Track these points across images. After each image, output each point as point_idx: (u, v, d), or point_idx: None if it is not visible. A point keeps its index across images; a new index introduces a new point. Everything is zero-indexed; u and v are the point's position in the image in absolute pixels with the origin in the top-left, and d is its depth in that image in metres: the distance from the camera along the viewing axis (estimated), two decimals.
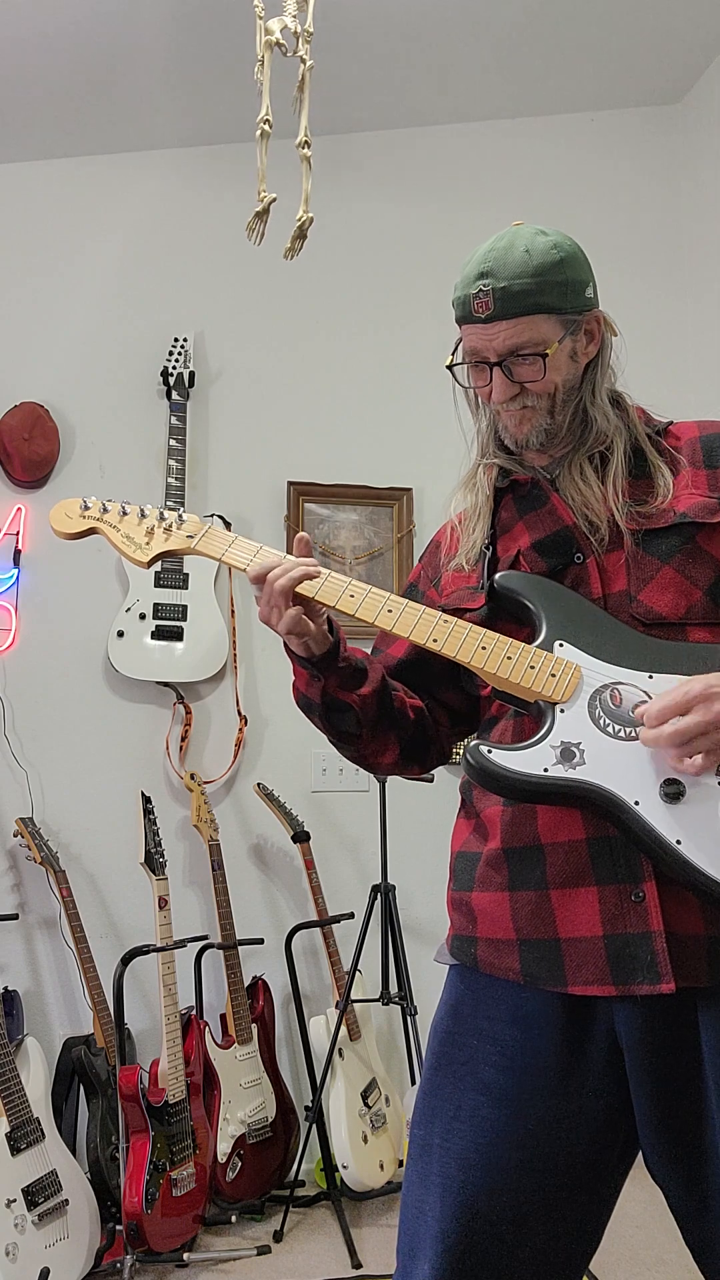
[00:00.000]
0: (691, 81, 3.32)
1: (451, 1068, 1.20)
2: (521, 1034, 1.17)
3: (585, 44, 3.04)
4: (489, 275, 1.23)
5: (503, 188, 3.25)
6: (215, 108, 3.01)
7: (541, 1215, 1.14)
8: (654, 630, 1.19)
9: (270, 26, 1.62)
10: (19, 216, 3.02)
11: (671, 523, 1.21)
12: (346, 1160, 2.51)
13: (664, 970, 1.09)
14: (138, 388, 3.02)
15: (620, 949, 1.12)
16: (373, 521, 3.16)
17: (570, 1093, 1.15)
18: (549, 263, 1.22)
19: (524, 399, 1.26)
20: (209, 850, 2.73)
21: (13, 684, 2.83)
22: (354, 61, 2.90)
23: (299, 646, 1.24)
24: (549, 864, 1.17)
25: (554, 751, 1.12)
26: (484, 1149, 1.15)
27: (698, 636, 1.19)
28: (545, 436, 1.28)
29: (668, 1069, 1.12)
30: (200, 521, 1.30)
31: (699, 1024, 1.12)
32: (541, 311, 1.22)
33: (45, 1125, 2.22)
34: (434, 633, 1.21)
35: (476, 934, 1.23)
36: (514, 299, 1.22)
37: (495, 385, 1.27)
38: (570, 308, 1.24)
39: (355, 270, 3.22)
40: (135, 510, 1.30)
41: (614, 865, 1.14)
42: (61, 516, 1.30)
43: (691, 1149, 1.12)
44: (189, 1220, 2.37)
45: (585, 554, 1.24)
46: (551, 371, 1.24)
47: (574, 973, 1.14)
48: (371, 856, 2.87)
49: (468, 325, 1.28)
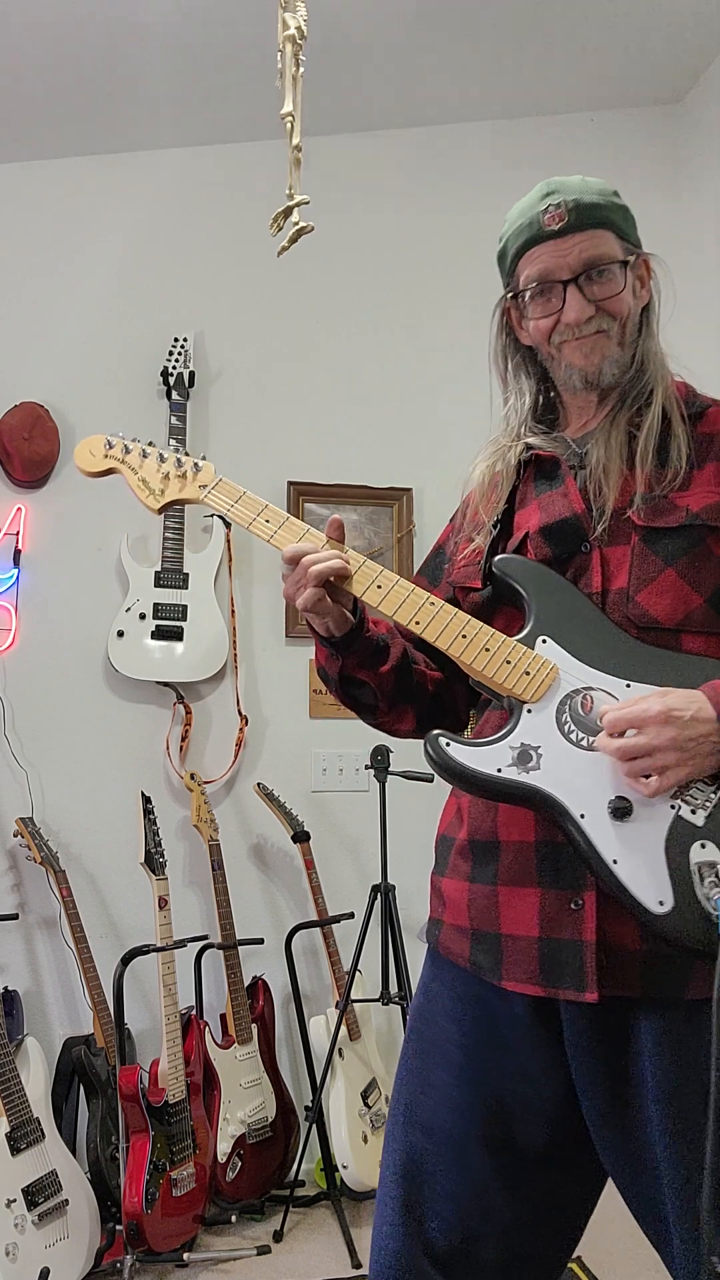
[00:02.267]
0: (691, 81, 3.32)
1: (422, 1044, 1.24)
2: (481, 1017, 1.20)
3: (585, 44, 3.04)
4: (557, 192, 1.22)
5: (503, 188, 3.22)
6: (216, 107, 3.01)
7: (504, 1195, 1.17)
8: (647, 635, 1.15)
9: (287, 20, 1.61)
10: (19, 216, 3.02)
11: (682, 523, 1.16)
12: (346, 1160, 2.51)
13: (589, 980, 1.10)
14: (138, 388, 3.02)
15: (553, 953, 1.13)
16: (373, 521, 3.16)
17: (526, 1078, 1.17)
18: (609, 189, 1.23)
19: (599, 321, 1.22)
20: (209, 850, 2.73)
21: (13, 684, 2.83)
22: (354, 61, 2.90)
23: (319, 625, 1.26)
24: (501, 861, 1.19)
25: (511, 752, 1.11)
26: (445, 1123, 1.18)
27: (692, 645, 1.15)
28: (618, 369, 1.24)
29: (608, 1072, 1.13)
30: (215, 472, 1.30)
31: (640, 1032, 1.11)
32: (611, 229, 1.21)
33: (45, 1125, 2.22)
34: (418, 615, 1.20)
35: (443, 919, 1.27)
36: (587, 210, 1.20)
37: (570, 304, 1.21)
38: (631, 237, 1.23)
39: (355, 270, 3.22)
40: (155, 454, 1.31)
41: (558, 871, 1.14)
42: (86, 454, 1.32)
43: (634, 1155, 1.13)
44: (189, 1220, 2.37)
45: (592, 545, 1.20)
46: (626, 291, 1.22)
47: (509, 968, 1.16)
48: (371, 856, 2.87)
49: (537, 246, 1.23)
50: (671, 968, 1.09)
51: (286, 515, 1.26)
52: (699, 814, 1.06)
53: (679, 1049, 1.09)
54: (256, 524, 1.26)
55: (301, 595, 1.21)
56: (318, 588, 1.20)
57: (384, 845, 2.67)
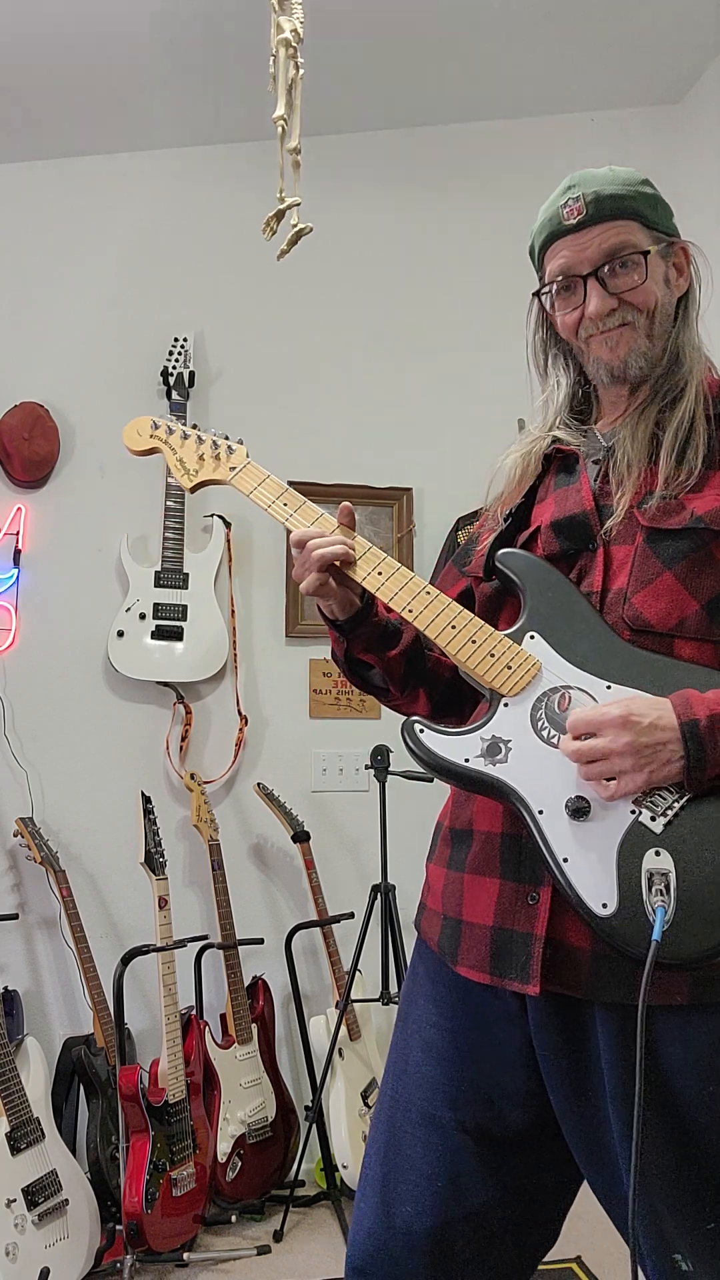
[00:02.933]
0: (691, 81, 3.32)
1: (406, 1025, 1.26)
2: (459, 1000, 1.22)
3: (585, 44, 3.04)
4: (577, 185, 1.20)
5: (503, 188, 3.25)
6: (216, 107, 3.01)
7: (477, 1177, 1.18)
8: (640, 638, 1.14)
9: (281, 24, 1.61)
10: (19, 216, 3.02)
11: (685, 525, 1.14)
12: (346, 1160, 2.51)
13: (534, 973, 1.11)
14: (138, 388, 3.02)
15: (503, 943, 1.14)
16: (373, 521, 3.16)
17: (503, 1064, 1.19)
18: (637, 178, 1.21)
19: (622, 313, 1.20)
20: (209, 850, 2.73)
21: (13, 684, 2.83)
22: (354, 61, 2.90)
23: (324, 607, 1.30)
24: (471, 849, 1.21)
25: (482, 743, 1.13)
26: (421, 1103, 1.20)
27: (684, 651, 1.13)
28: (645, 362, 1.22)
29: (569, 1067, 1.14)
30: (245, 455, 1.36)
31: (596, 1031, 1.12)
32: (635, 218, 1.19)
33: (45, 1125, 2.22)
34: (413, 603, 1.23)
35: (425, 902, 1.30)
36: (605, 202, 1.19)
37: (591, 298, 1.20)
38: (662, 226, 1.21)
39: (355, 270, 3.22)
40: (194, 436, 1.38)
41: (519, 864, 1.15)
42: (133, 434, 1.40)
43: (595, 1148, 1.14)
44: (189, 1220, 2.37)
45: (599, 542, 1.19)
46: (651, 282, 1.19)
47: (464, 954, 1.18)
48: (371, 856, 2.87)
49: (558, 241, 1.22)
50: (619, 972, 1.09)
51: (303, 500, 1.31)
52: (658, 821, 1.06)
53: (631, 1052, 1.08)
54: (275, 506, 1.31)
55: (306, 578, 1.25)
56: (321, 572, 1.24)
57: (384, 845, 2.67)
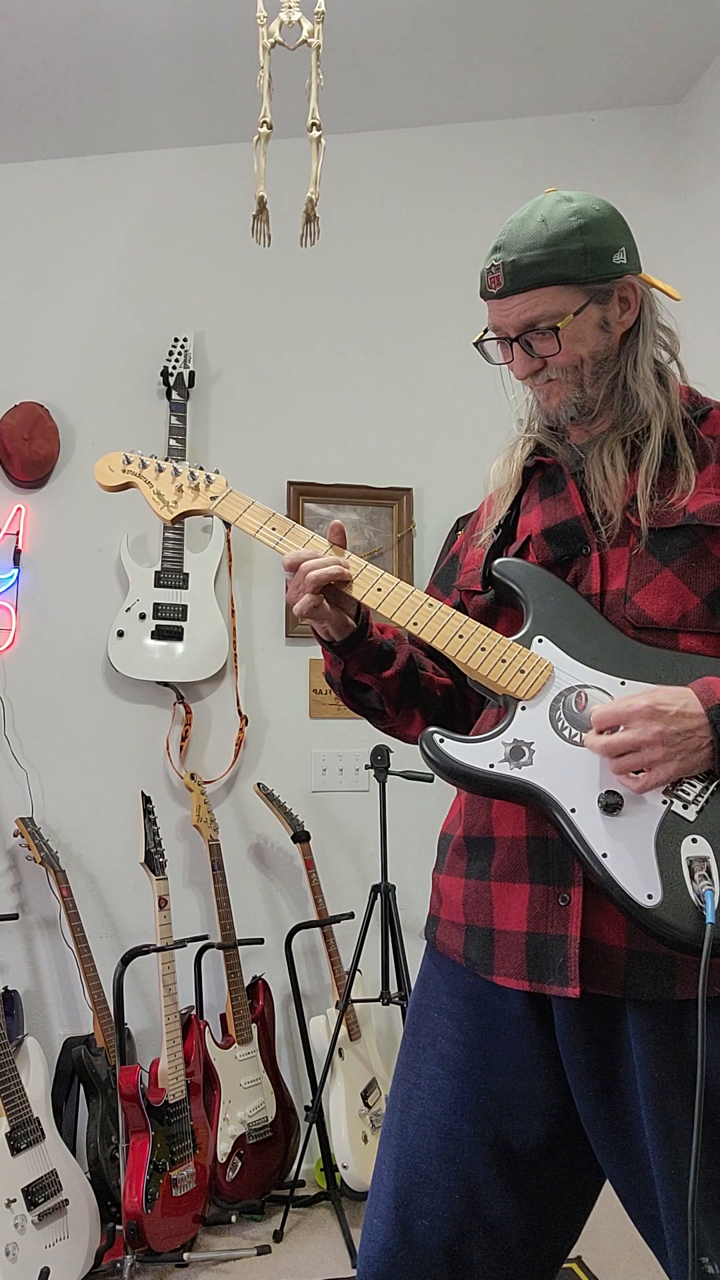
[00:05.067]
0: (691, 81, 3.32)
1: (417, 1038, 1.25)
2: (476, 1012, 1.21)
3: (585, 44, 3.04)
4: (501, 249, 1.21)
5: (503, 188, 3.25)
6: (216, 107, 3.01)
7: (494, 1189, 1.17)
8: (644, 635, 1.16)
9: (271, 30, 1.62)
10: (19, 216, 3.02)
11: (679, 523, 1.17)
12: (346, 1160, 2.51)
13: (572, 975, 1.10)
14: (138, 388, 3.02)
15: (539, 947, 1.14)
16: (373, 521, 3.16)
17: (523, 1072, 1.18)
18: (565, 231, 1.18)
19: (547, 372, 1.23)
20: (209, 850, 2.73)
21: (13, 684, 2.83)
22: (355, 62, 2.90)
23: (319, 630, 1.30)
24: (495, 856, 1.20)
25: (504, 748, 1.12)
26: (438, 1117, 1.19)
27: (689, 644, 1.16)
28: (577, 410, 1.24)
29: (599, 1069, 1.13)
30: (225, 484, 1.36)
31: (628, 1031, 1.12)
32: (555, 283, 1.19)
33: (45, 1125, 2.22)
34: (416, 616, 1.23)
35: (440, 914, 1.28)
36: (523, 272, 1.19)
37: (515, 361, 1.25)
38: (592, 276, 1.19)
39: (355, 270, 3.22)
40: (170, 468, 1.37)
41: (547, 866, 1.15)
42: (105, 470, 1.38)
43: (626, 1151, 1.13)
44: (189, 1220, 2.37)
45: (591, 547, 1.22)
46: (573, 343, 1.21)
47: (500, 963, 1.17)
48: (371, 856, 2.87)
49: (487, 301, 1.24)
50: (656, 968, 1.09)
51: (292, 524, 1.30)
52: (690, 809, 1.06)
53: (666, 1048, 1.09)
54: (263, 531, 1.30)
55: (299, 601, 1.24)
56: (315, 594, 1.23)
57: (384, 845, 2.67)
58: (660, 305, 1.28)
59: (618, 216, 1.24)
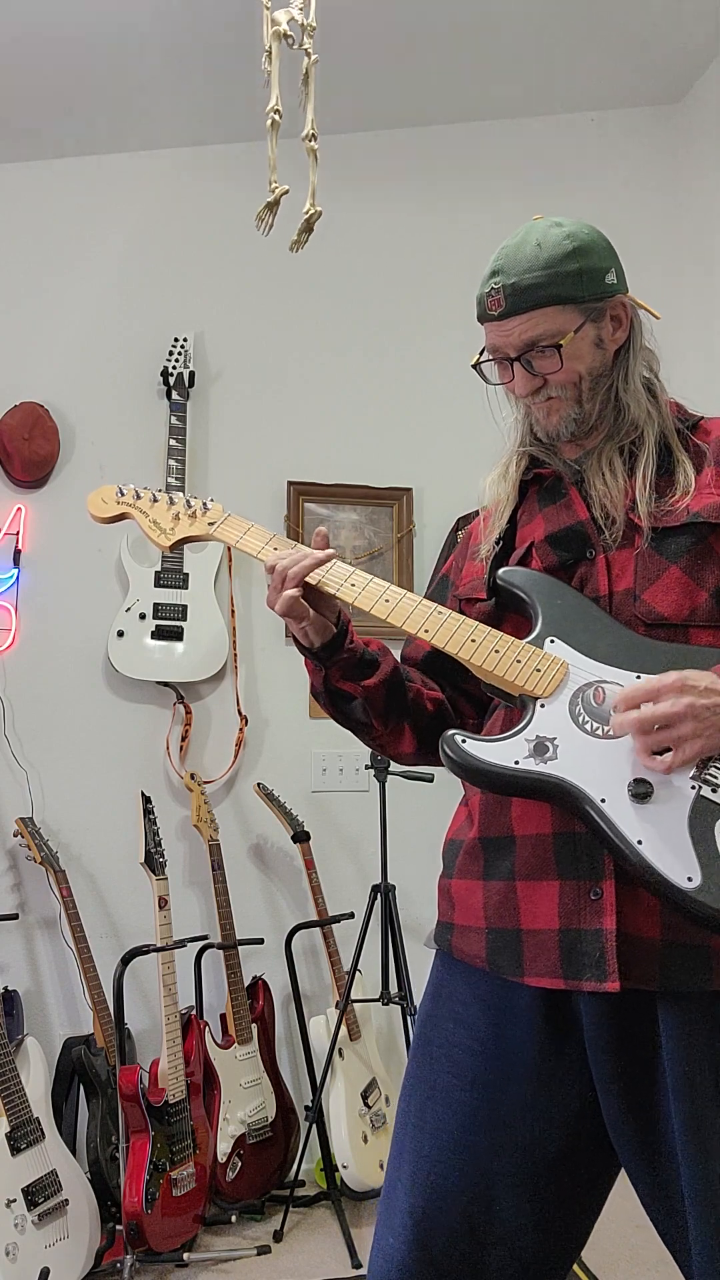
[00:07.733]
0: (691, 81, 3.32)
1: (430, 1049, 1.23)
2: (494, 1020, 1.20)
3: (585, 44, 3.04)
4: (500, 273, 1.24)
5: (503, 188, 3.25)
6: (216, 107, 3.01)
7: (512, 1199, 1.16)
8: (656, 631, 1.18)
9: (277, 18, 1.62)
10: (19, 216, 3.02)
11: (683, 522, 1.20)
12: (346, 1160, 2.52)
13: (610, 969, 1.10)
14: (138, 388, 3.02)
15: (573, 944, 1.13)
16: (373, 521, 3.16)
17: (542, 1080, 1.17)
18: (560, 254, 1.22)
19: (548, 390, 1.27)
20: (209, 850, 2.73)
21: (13, 684, 2.83)
22: (355, 61, 2.90)
23: (299, 633, 1.30)
24: (518, 855, 1.19)
25: (528, 745, 1.13)
26: (455, 1129, 1.18)
27: (700, 639, 1.18)
28: (576, 426, 1.28)
29: (627, 1066, 1.13)
30: (223, 510, 1.38)
31: (659, 1025, 1.12)
32: (555, 304, 1.22)
33: (45, 1125, 2.22)
34: (426, 624, 1.24)
35: (454, 920, 1.27)
36: (524, 293, 1.22)
37: (517, 380, 1.28)
38: (588, 296, 1.23)
39: (355, 270, 3.22)
40: (165, 498, 1.39)
41: (576, 861, 1.15)
42: (98, 501, 1.41)
43: (653, 1148, 1.12)
44: (189, 1220, 2.37)
45: (596, 550, 1.24)
46: (572, 361, 1.24)
47: (530, 963, 1.16)
48: (371, 856, 2.87)
49: (485, 323, 1.28)
50: (693, 960, 1.09)
51: (294, 544, 1.31)
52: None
53: (698, 1041, 1.09)
54: (264, 552, 1.32)
55: (279, 599, 1.26)
56: (296, 588, 1.25)
57: (384, 845, 2.67)
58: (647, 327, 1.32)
59: (605, 240, 1.29)
